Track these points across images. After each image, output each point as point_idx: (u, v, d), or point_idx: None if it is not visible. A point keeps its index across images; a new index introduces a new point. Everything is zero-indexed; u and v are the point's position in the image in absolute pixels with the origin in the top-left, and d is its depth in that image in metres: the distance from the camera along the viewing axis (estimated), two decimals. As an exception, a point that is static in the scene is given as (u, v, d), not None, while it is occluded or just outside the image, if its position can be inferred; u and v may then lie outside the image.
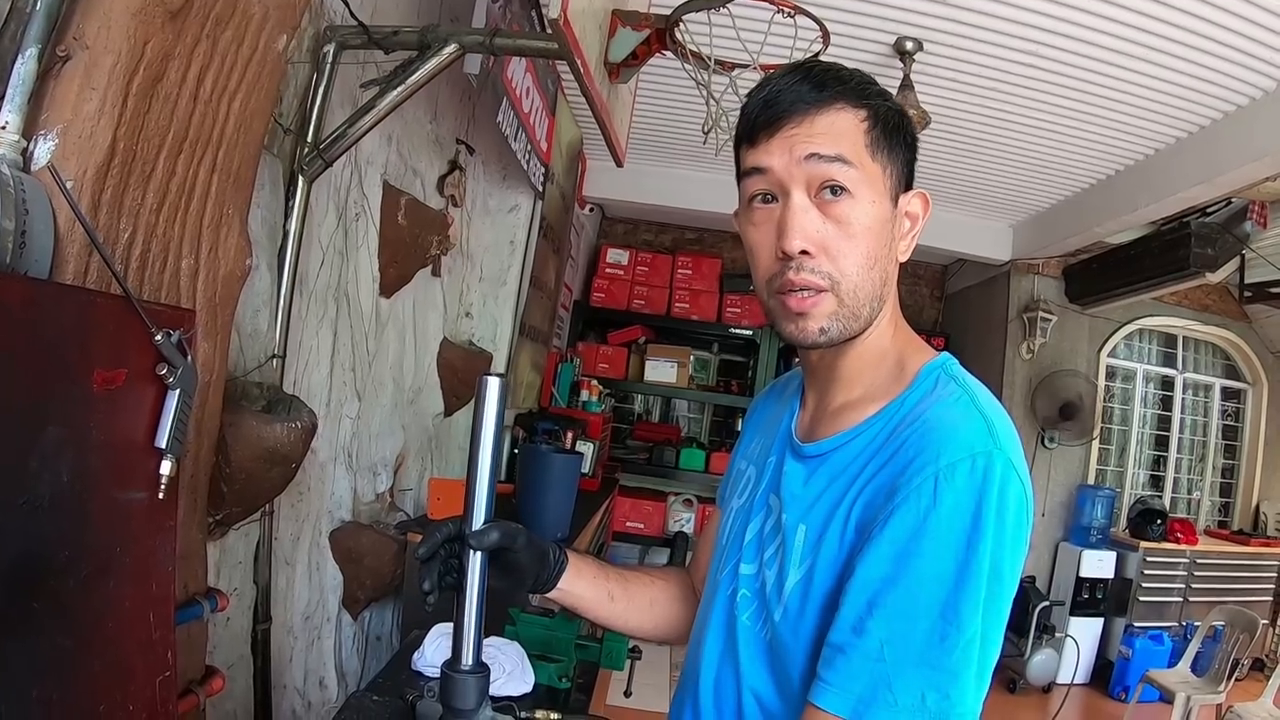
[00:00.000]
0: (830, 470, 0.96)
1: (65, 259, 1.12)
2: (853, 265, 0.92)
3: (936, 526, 0.80)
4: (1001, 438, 0.85)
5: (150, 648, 1.24)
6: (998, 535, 0.81)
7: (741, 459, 1.21)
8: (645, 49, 2.36)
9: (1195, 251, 4.89)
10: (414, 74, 2.01)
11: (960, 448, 0.83)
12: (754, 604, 0.99)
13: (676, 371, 6.36)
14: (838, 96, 0.92)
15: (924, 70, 3.65)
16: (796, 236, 0.91)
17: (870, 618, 0.81)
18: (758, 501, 1.07)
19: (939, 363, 0.97)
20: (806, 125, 0.92)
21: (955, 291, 7.10)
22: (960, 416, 0.87)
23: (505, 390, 0.96)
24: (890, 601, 0.81)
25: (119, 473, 1.15)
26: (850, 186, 0.91)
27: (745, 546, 1.04)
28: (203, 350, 1.43)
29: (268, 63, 1.45)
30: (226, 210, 1.43)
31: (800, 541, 0.94)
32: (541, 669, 1.92)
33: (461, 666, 0.95)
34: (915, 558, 0.80)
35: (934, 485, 0.81)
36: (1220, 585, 5.87)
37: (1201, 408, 6.91)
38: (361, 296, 2.65)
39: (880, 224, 0.93)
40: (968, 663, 0.80)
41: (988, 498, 0.81)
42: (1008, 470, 0.82)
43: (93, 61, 1.14)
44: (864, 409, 0.97)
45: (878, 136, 0.93)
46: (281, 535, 2.29)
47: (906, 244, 0.99)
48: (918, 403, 0.92)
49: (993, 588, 0.81)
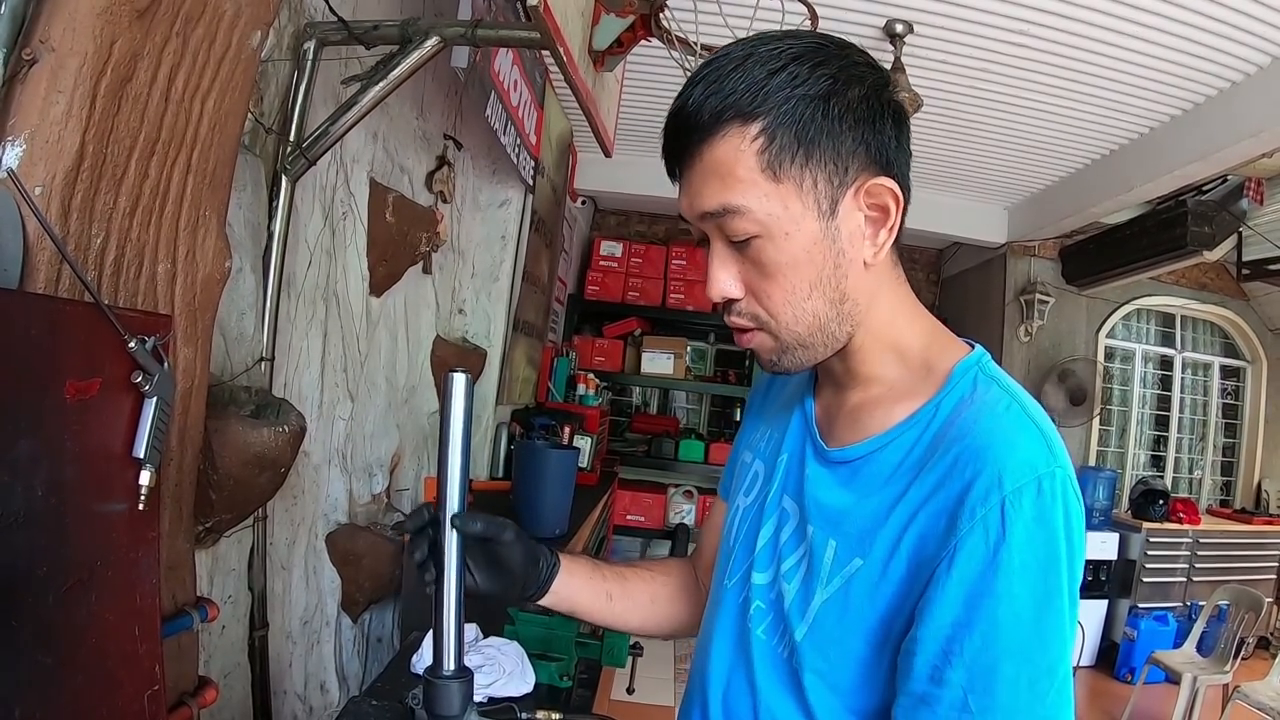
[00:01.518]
0: (864, 482, 0.88)
1: (35, 267, 1.09)
2: (779, 303, 0.86)
3: (1009, 561, 0.74)
4: (1058, 451, 0.79)
5: (136, 662, 1.21)
6: (1070, 562, 0.76)
7: (746, 450, 1.13)
8: (630, 36, 2.33)
9: (1192, 230, 4.88)
10: (396, 68, 1.98)
11: (1023, 469, 0.76)
12: (769, 617, 0.93)
13: (673, 363, 6.36)
14: (724, 120, 0.82)
15: (915, 53, 3.62)
16: (713, 287, 0.89)
17: (949, 667, 0.75)
18: (770, 503, 0.99)
19: (973, 360, 0.89)
20: (694, 169, 0.86)
21: (951, 275, 7.08)
22: (1014, 429, 0.80)
23: (471, 386, 0.94)
24: (968, 648, 0.75)
25: (96, 485, 1.12)
26: (753, 230, 0.83)
27: (758, 553, 0.98)
28: (183, 356, 1.40)
29: (241, 60, 1.42)
30: (203, 212, 1.40)
31: (830, 558, 0.87)
32: (542, 668, 1.90)
33: (443, 672, 0.91)
34: (989, 597, 0.74)
35: (1000, 515, 0.75)
36: (1224, 565, 5.87)
37: (1201, 387, 6.92)
38: (351, 296, 2.62)
39: (806, 250, 0.84)
40: (1062, 706, 0.76)
41: (1055, 524, 0.75)
42: (1068, 489, 0.77)
43: (59, 64, 1.11)
44: (891, 410, 0.90)
45: (781, 148, 0.81)
46: (276, 540, 2.26)
47: (875, 244, 0.87)
48: (956, 407, 0.85)
49: (1073, 611, 0.76)
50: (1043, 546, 0.74)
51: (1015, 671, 0.74)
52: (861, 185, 0.84)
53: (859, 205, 0.85)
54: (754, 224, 0.83)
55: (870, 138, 0.84)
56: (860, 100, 0.83)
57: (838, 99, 0.82)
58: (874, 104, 0.84)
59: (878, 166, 0.85)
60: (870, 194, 0.85)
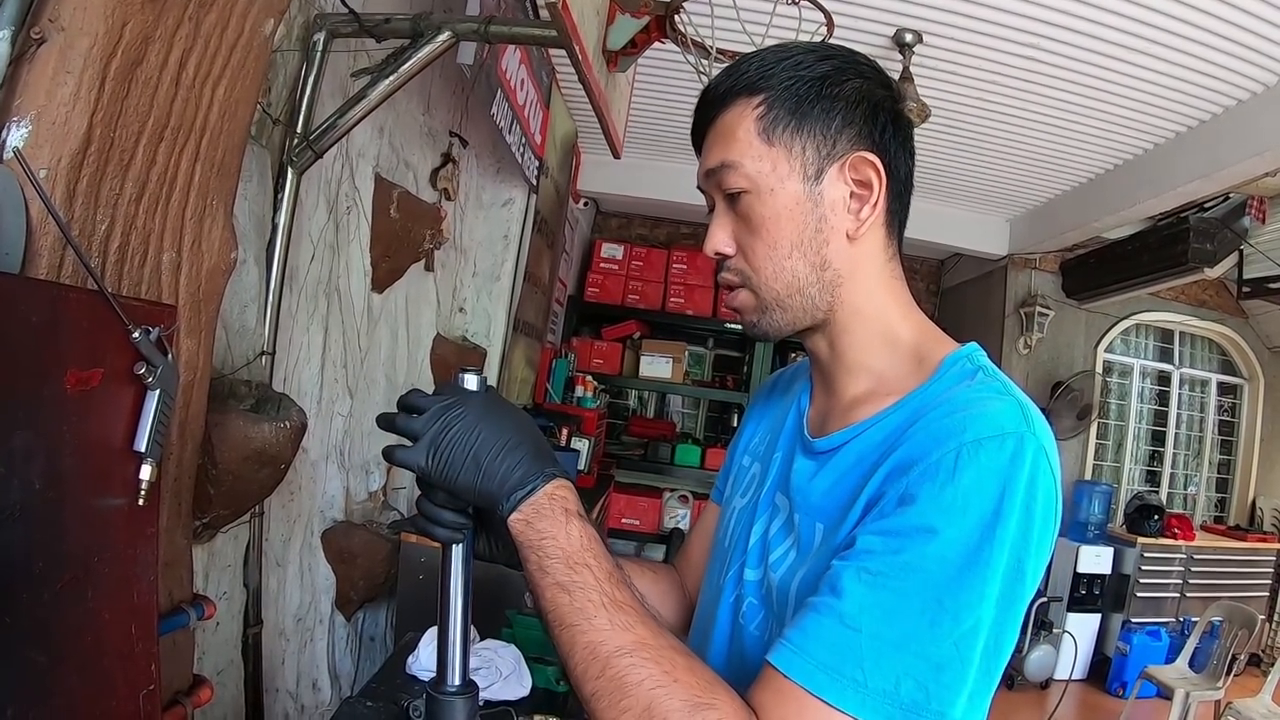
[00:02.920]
0: (843, 463, 0.88)
1: (38, 252, 1.06)
2: (762, 258, 0.91)
3: (951, 504, 0.72)
4: (1035, 422, 0.78)
5: (132, 660, 1.18)
6: (1023, 527, 0.73)
7: (744, 454, 1.14)
8: (644, 37, 2.31)
9: (1194, 247, 4.88)
10: (406, 63, 1.95)
11: (990, 425, 0.75)
12: (761, 612, 0.91)
13: (671, 367, 6.34)
14: (735, 94, 0.91)
15: (923, 63, 3.61)
16: (708, 242, 0.95)
17: (855, 580, 0.73)
18: (763, 501, 0.99)
19: (965, 352, 0.90)
20: (708, 137, 0.95)
21: (951, 286, 7.08)
22: (991, 396, 0.80)
23: (484, 387, 0.88)
24: (883, 570, 0.72)
25: (95, 478, 1.09)
26: (743, 184, 0.90)
27: (750, 550, 0.97)
28: (186, 347, 1.37)
29: (253, 48, 1.39)
30: (210, 201, 1.37)
31: (817, 541, 0.86)
32: (539, 672, 1.88)
33: (447, 688, 0.87)
34: (921, 533, 0.72)
35: (955, 459, 0.73)
36: (1217, 581, 5.88)
37: (1198, 403, 6.92)
38: (353, 292, 2.59)
39: (788, 209, 0.89)
40: (957, 660, 0.71)
41: (1015, 482, 0.73)
42: (1039, 457, 0.74)
43: (68, 44, 1.09)
44: (879, 401, 0.90)
45: (777, 117, 0.89)
46: (272, 536, 2.24)
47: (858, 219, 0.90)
48: (943, 390, 0.84)
49: (1011, 586, 0.73)
50: (992, 499, 0.72)
51: (920, 608, 0.71)
52: (848, 159, 0.89)
53: (844, 178, 0.90)
54: (744, 178, 0.90)
55: (862, 122, 0.90)
56: (855, 90, 0.90)
57: (834, 83, 0.89)
58: (870, 96, 0.90)
59: (866, 146, 0.90)
60: (855, 168, 0.89)
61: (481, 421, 0.82)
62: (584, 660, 0.75)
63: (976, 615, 0.71)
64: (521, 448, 0.82)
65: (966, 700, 0.72)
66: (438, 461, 0.81)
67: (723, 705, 0.71)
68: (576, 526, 0.80)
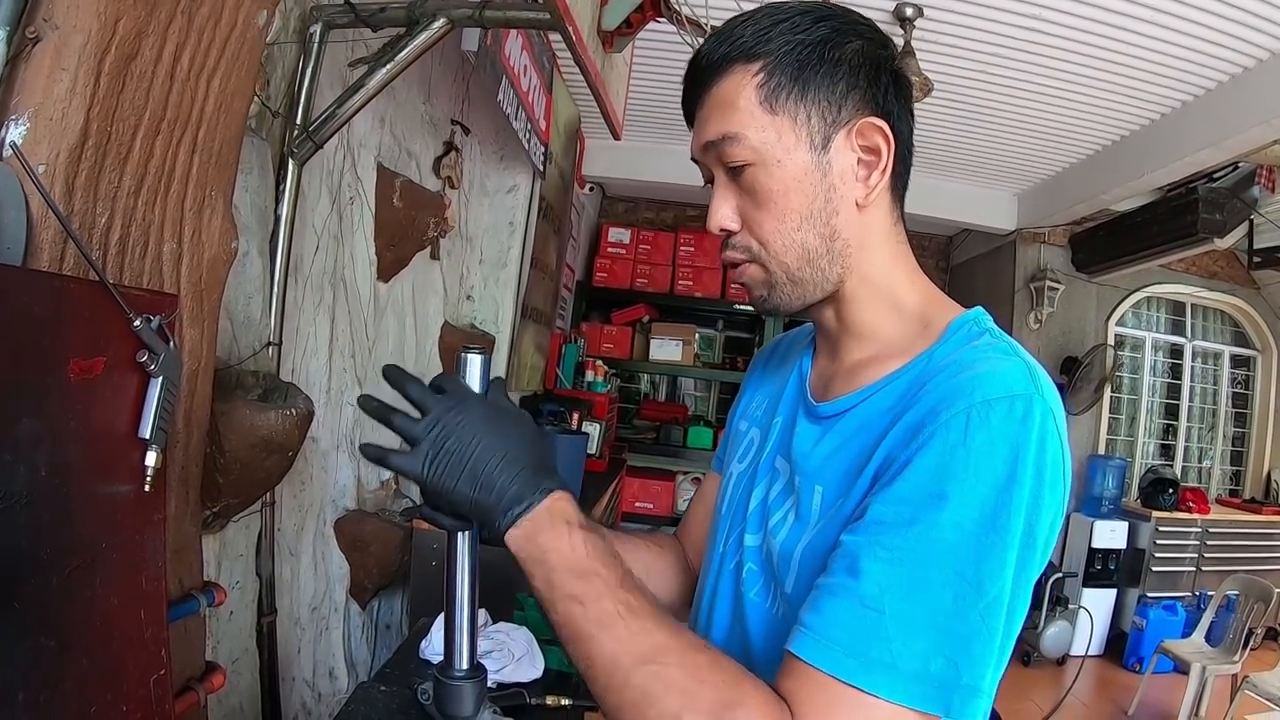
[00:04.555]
0: (851, 428, 0.87)
1: (40, 245, 1.08)
2: (770, 232, 0.89)
3: (964, 468, 0.71)
4: (1043, 383, 0.76)
5: (142, 645, 1.21)
6: (1035, 491, 0.72)
7: (741, 419, 1.13)
8: (639, 16, 2.31)
9: (1203, 217, 4.83)
10: (403, 51, 1.96)
11: (998, 386, 0.74)
12: (761, 578, 0.91)
13: (682, 350, 6.34)
14: (730, 60, 0.88)
15: (925, 36, 3.59)
16: (712, 218, 0.93)
17: (872, 559, 0.71)
18: (763, 465, 0.99)
19: (971, 316, 0.89)
20: (703, 107, 0.91)
21: (960, 262, 7.04)
22: (998, 357, 0.79)
23: (488, 366, 0.88)
24: (899, 544, 0.71)
25: (101, 465, 1.11)
26: (747, 157, 0.87)
27: (750, 515, 0.96)
28: (189, 336, 1.39)
29: (247, 39, 1.40)
30: (209, 192, 1.39)
31: (817, 505, 0.85)
32: (551, 653, 1.90)
33: (455, 672, 0.88)
34: (934, 501, 0.71)
35: (965, 421, 0.72)
36: (1233, 554, 5.85)
37: (1211, 375, 6.87)
38: (359, 281, 2.61)
39: (796, 180, 0.87)
40: (984, 631, 0.70)
41: (1026, 446, 0.72)
42: (1047, 418, 0.73)
43: (63, 41, 1.10)
44: (885, 365, 0.89)
45: (779, 84, 0.86)
46: (284, 526, 2.26)
47: (867, 186, 0.88)
48: (950, 353, 0.84)
49: (1024, 553, 0.72)
50: (1005, 462, 0.71)
51: (942, 581, 0.70)
52: (854, 125, 0.87)
53: (851, 145, 0.88)
54: (748, 151, 0.87)
55: (865, 85, 0.87)
56: (857, 52, 0.87)
57: (834, 46, 0.86)
58: (871, 58, 0.88)
59: (872, 111, 0.88)
60: (862, 134, 0.87)
61: (481, 430, 0.81)
62: (605, 673, 0.74)
63: (999, 584, 0.71)
64: (520, 460, 0.82)
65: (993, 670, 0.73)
66: (434, 471, 0.80)
67: (750, 701, 0.71)
68: (580, 536, 0.79)
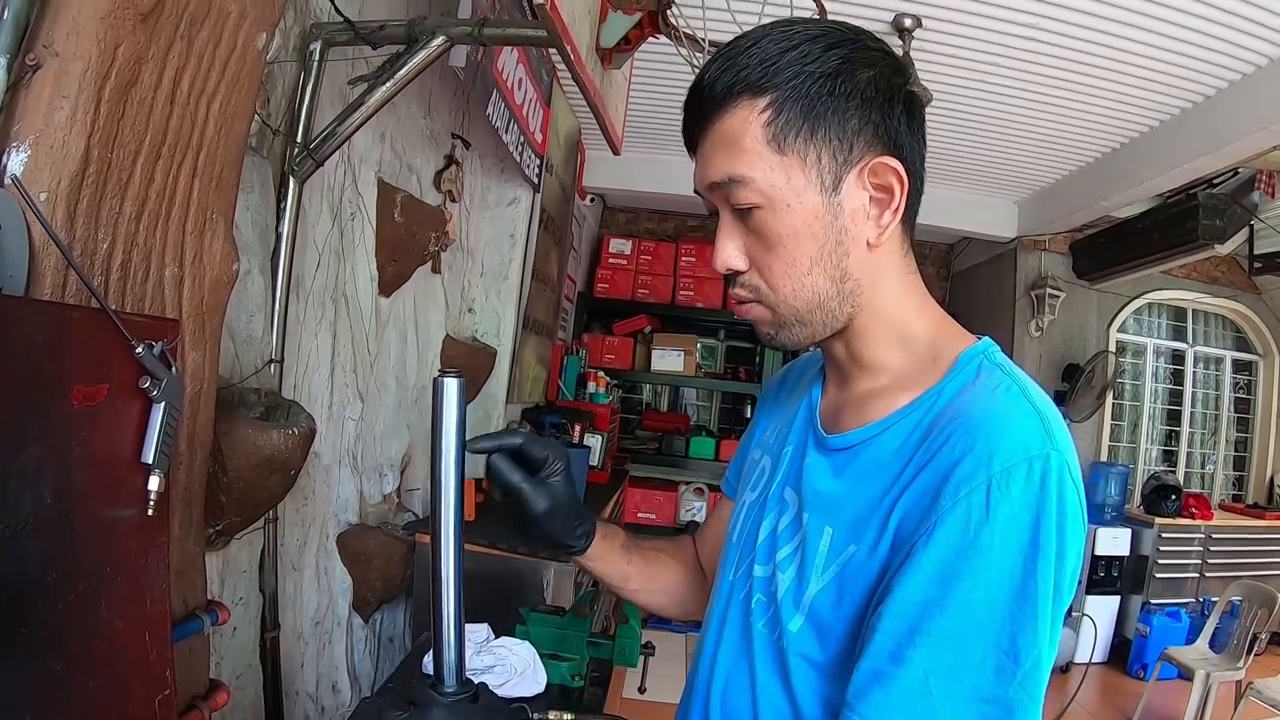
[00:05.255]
0: (860, 467, 0.87)
1: (42, 273, 1.09)
2: (779, 276, 0.88)
3: (990, 544, 0.71)
4: (1057, 435, 0.76)
5: (147, 667, 1.21)
6: (1059, 553, 0.72)
7: (755, 447, 1.13)
8: (638, 33, 2.32)
9: (1203, 223, 4.85)
10: (402, 68, 1.97)
11: (1015, 449, 0.74)
12: (770, 610, 0.91)
13: (683, 360, 6.34)
14: (736, 93, 0.84)
15: (924, 47, 3.61)
16: (718, 257, 0.92)
17: (912, 646, 0.72)
18: (772, 496, 0.98)
19: (979, 349, 0.88)
20: (706, 142, 0.89)
21: (962, 270, 7.05)
22: (1011, 409, 0.78)
23: (464, 391, 0.88)
24: (936, 629, 0.72)
25: (105, 491, 1.12)
26: (755, 200, 0.85)
27: (759, 546, 0.96)
28: (191, 360, 1.39)
29: (247, 62, 1.41)
30: (210, 215, 1.40)
31: (825, 546, 0.86)
32: (554, 668, 1.90)
33: (445, 689, 0.86)
34: (965, 579, 0.72)
35: (986, 495, 0.72)
36: (1236, 560, 5.85)
37: (1213, 381, 6.87)
38: (360, 297, 2.61)
39: (806, 224, 0.84)
40: (1025, 699, 0.72)
41: (1046, 510, 0.72)
42: (1064, 474, 0.74)
43: (62, 69, 1.11)
44: (895, 398, 0.88)
45: (788, 122, 0.83)
46: (287, 541, 2.26)
47: (879, 226, 0.87)
48: (958, 392, 0.83)
49: (1055, 610, 0.73)
50: (1029, 530, 0.72)
51: (982, 656, 0.71)
52: (866, 164, 0.85)
53: (863, 184, 0.86)
54: (756, 194, 0.85)
55: (878, 119, 0.84)
56: (870, 82, 0.84)
57: (846, 78, 0.83)
58: (884, 87, 0.85)
59: (884, 147, 0.85)
60: (875, 173, 0.85)
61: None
62: None
63: (1036, 652, 0.72)
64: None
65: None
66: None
67: None
68: None
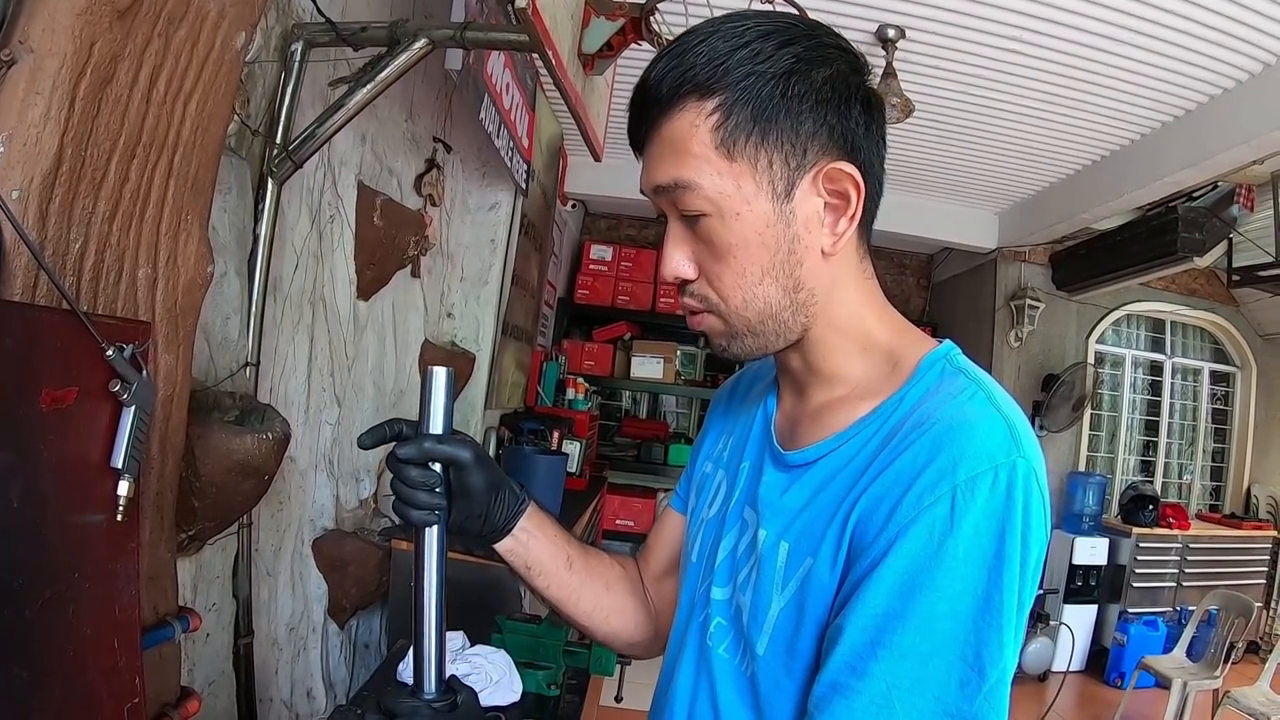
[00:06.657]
0: (818, 479, 0.83)
1: (13, 273, 1.07)
2: (730, 286, 0.84)
3: (954, 555, 0.69)
4: (1023, 441, 0.74)
5: (116, 674, 1.19)
6: (1024, 562, 0.71)
7: (706, 460, 1.08)
8: (620, 39, 2.31)
9: (1183, 236, 4.89)
10: (384, 70, 1.95)
11: (980, 457, 0.71)
12: (730, 634, 0.88)
13: (663, 367, 6.36)
14: (683, 93, 0.80)
15: (907, 58, 3.62)
16: (665, 265, 0.87)
17: (874, 659, 0.70)
18: (730, 515, 0.95)
19: (941, 353, 0.85)
20: (652, 144, 0.85)
21: (942, 280, 7.08)
22: (976, 415, 0.75)
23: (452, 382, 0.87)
24: (898, 642, 0.69)
25: (73, 496, 1.09)
26: (702, 207, 0.81)
27: (717, 568, 0.92)
28: (164, 362, 1.37)
29: (225, 62, 1.39)
30: (185, 216, 1.38)
31: (782, 562, 0.82)
32: (529, 676, 1.88)
33: (425, 695, 0.85)
34: (929, 591, 0.69)
35: (950, 504, 0.70)
36: (1213, 569, 5.91)
37: (1191, 392, 6.94)
38: (338, 300, 2.59)
39: (757, 232, 0.81)
40: (990, 712, 0.70)
41: (1012, 520, 0.70)
42: (1030, 482, 0.71)
43: (37, 65, 1.09)
44: (854, 408, 0.85)
45: (737, 126, 0.78)
46: (262, 546, 2.24)
47: (834, 233, 0.83)
48: (921, 398, 0.80)
49: (1017, 620, 0.71)
50: (994, 541, 0.70)
51: (946, 670, 0.69)
52: (821, 169, 0.81)
53: (818, 190, 0.82)
54: (704, 201, 0.81)
55: (834, 121, 0.80)
56: (825, 82, 0.80)
57: (800, 78, 0.79)
58: (840, 87, 0.81)
59: (840, 151, 0.81)
60: (830, 179, 0.81)
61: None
62: None
63: (1001, 664, 0.71)
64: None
65: None
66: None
67: None
68: None
